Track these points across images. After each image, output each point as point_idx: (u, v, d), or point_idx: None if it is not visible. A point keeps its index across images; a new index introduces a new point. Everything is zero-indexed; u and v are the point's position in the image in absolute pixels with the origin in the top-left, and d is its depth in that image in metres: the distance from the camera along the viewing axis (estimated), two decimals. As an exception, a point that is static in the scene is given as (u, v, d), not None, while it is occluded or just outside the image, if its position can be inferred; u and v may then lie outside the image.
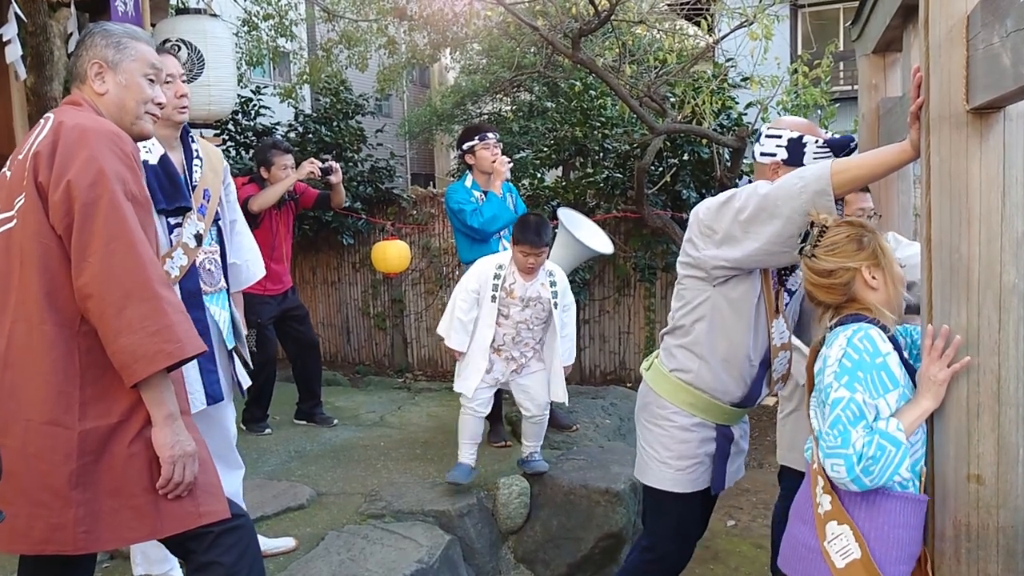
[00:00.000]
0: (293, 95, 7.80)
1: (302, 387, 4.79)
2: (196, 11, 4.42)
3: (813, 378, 1.88)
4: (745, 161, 5.62)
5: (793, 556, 1.89)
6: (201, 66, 4.11)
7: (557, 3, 5.76)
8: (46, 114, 1.84)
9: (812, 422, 1.85)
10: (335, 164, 4.46)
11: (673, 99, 5.99)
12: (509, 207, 4.15)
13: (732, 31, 5.46)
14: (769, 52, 4.84)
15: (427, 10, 7.78)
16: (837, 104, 5.77)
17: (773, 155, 2.28)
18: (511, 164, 4.20)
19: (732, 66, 6.17)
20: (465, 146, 4.19)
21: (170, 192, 2.38)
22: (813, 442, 1.85)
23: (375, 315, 7.39)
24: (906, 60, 2.96)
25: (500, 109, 12.36)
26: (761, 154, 2.31)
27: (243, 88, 7.16)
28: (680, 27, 7.29)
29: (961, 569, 1.71)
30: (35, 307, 1.69)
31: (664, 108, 5.76)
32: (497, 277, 3.54)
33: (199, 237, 2.47)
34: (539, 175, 7.10)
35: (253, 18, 7.99)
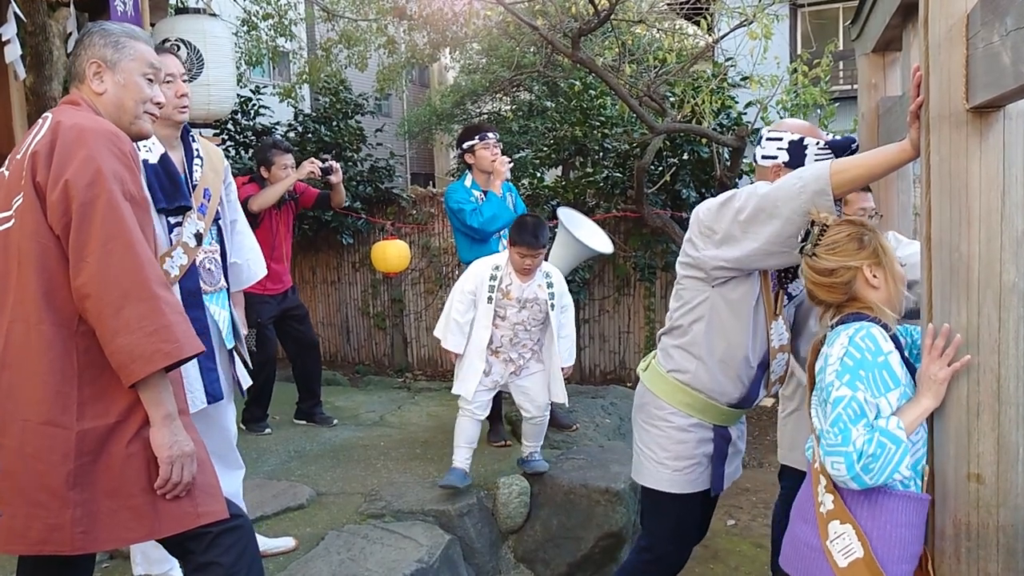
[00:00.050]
0: (292, 95, 7.79)
1: (302, 387, 4.79)
2: (195, 11, 4.42)
3: (814, 377, 1.88)
4: (745, 160, 5.62)
5: (795, 555, 1.89)
6: (200, 66, 4.12)
7: (557, 2, 5.75)
8: (44, 114, 1.83)
9: (813, 421, 1.85)
10: (335, 164, 4.46)
11: (673, 98, 5.99)
12: (509, 207, 4.15)
13: (732, 30, 5.45)
14: (769, 51, 4.84)
15: (426, 9, 7.78)
16: (837, 103, 5.76)
17: (775, 158, 2.27)
18: (511, 164, 4.20)
19: (732, 65, 6.17)
20: (465, 145, 4.19)
21: (170, 191, 2.38)
22: (814, 441, 1.85)
23: (375, 315, 7.39)
24: (906, 59, 2.95)
25: (500, 108, 12.38)
26: (763, 157, 2.30)
27: (242, 88, 7.16)
28: (679, 26, 7.29)
29: (961, 568, 1.71)
30: (33, 307, 1.68)
31: (664, 107, 5.76)
32: (493, 278, 3.53)
33: (199, 236, 2.47)
34: (539, 175, 7.10)
35: (252, 18, 7.99)
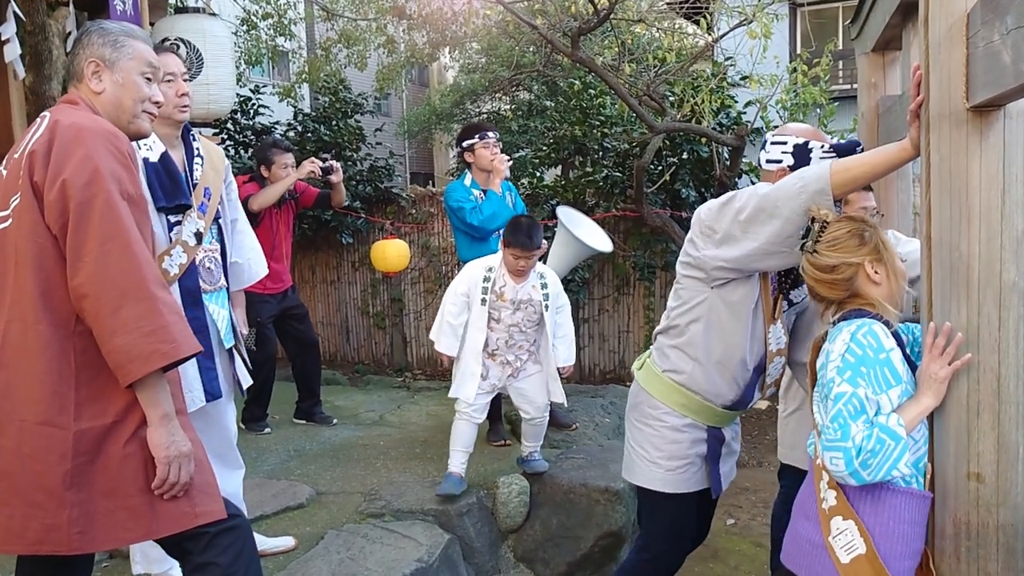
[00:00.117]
0: (292, 94, 7.79)
1: (301, 386, 4.79)
2: (195, 10, 4.42)
3: (816, 373, 1.88)
4: (744, 159, 5.61)
5: (797, 552, 1.89)
6: (200, 65, 4.11)
7: (556, 2, 5.75)
8: (43, 113, 1.83)
9: (815, 416, 1.85)
10: (335, 163, 4.47)
11: (672, 98, 5.99)
12: (508, 205, 4.15)
13: (731, 30, 5.45)
14: (768, 51, 4.83)
15: (426, 9, 7.76)
16: (836, 103, 5.75)
17: (779, 162, 2.27)
18: (510, 163, 4.21)
19: (731, 65, 6.17)
20: (464, 144, 4.18)
21: (170, 190, 2.37)
22: (816, 437, 1.85)
23: (374, 314, 7.38)
24: (905, 58, 2.95)
25: (499, 108, 12.39)
26: (767, 161, 2.30)
27: (242, 87, 7.16)
28: (679, 26, 7.29)
29: (961, 567, 1.71)
30: (30, 307, 1.68)
31: (663, 107, 5.76)
32: (487, 280, 3.51)
33: (199, 235, 2.47)
34: (538, 174, 7.10)
35: (252, 17, 7.98)
